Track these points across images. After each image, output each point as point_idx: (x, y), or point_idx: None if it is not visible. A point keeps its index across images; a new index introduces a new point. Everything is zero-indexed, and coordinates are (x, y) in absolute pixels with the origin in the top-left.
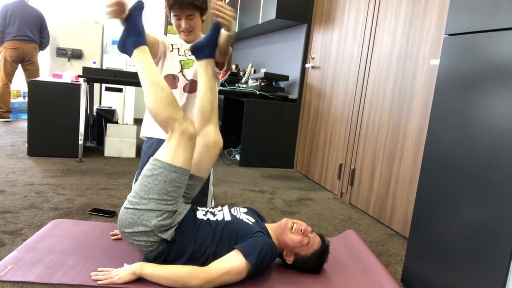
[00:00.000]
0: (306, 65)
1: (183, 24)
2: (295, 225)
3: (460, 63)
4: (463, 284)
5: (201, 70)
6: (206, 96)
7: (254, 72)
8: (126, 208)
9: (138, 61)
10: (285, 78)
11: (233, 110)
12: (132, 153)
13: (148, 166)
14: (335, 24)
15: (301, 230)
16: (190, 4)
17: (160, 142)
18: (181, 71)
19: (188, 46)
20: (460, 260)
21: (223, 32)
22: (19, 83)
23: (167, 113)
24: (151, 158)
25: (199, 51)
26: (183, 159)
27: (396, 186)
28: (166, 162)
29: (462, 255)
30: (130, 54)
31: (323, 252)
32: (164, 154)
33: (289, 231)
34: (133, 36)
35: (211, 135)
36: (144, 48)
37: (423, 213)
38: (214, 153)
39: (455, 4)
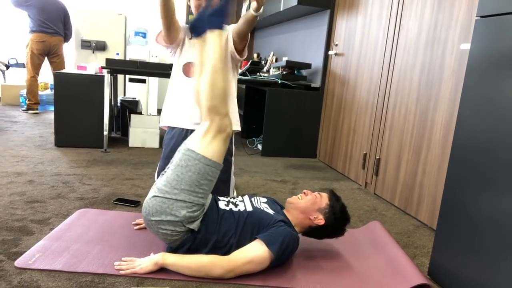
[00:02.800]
0: (329, 52)
1: (203, 3)
2: (299, 195)
3: (493, 46)
4: (493, 279)
5: (208, 43)
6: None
7: (276, 60)
8: (155, 196)
9: (218, 42)
10: (308, 66)
11: (255, 99)
12: (155, 143)
13: (180, 155)
14: (359, 9)
15: (305, 193)
16: None
17: (182, 132)
18: None
19: None
20: (490, 254)
21: (250, 11)
22: (47, 75)
23: (214, 102)
24: (185, 148)
25: (203, 24)
26: (218, 153)
27: (423, 176)
28: (202, 155)
29: (492, 248)
30: (207, 31)
31: (336, 197)
32: (200, 146)
33: (299, 202)
34: (222, 17)
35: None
36: (221, 32)
37: (452, 204)
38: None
39: None
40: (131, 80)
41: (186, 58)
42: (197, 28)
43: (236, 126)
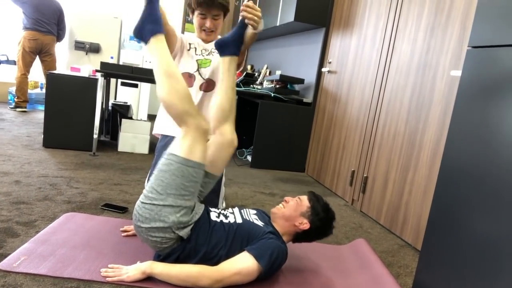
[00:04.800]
0: (323, 69)
1: (208, 23)
2: (281, 204)
3: (483, 76)
4: None
5: (224, 67)
6: (227, 94)
7: (270, 73)
8: (143, 203)
9: (155, 50)
10: (301, 81)
11: (247, 111)
12: (145, 149)
13: (163, 161)
14: (354, 30)
15: (286, 201)
16: (219, 4)
17: None
18: (198, 70)
19: (205, 45)
20: (474, 277)
21: (249, 31)
22: (37, 74)
23: (181, 107)
24: (166, 153)
25: (224, 48)
26: (199, 153)
27: (409, 196)
28: (183, 157)
29: (476, 271)
30: (146, 42)
31: (317, 197)
32: (180, 149)
33: (283, 211)
34: (150, 24)
35: (227, 134)
36: (161, 37)
37: (437, 226)
38: (229, 152)
39: (480, 16)
40: (123, 83)
41: (183, 68)
42: (221, 47)
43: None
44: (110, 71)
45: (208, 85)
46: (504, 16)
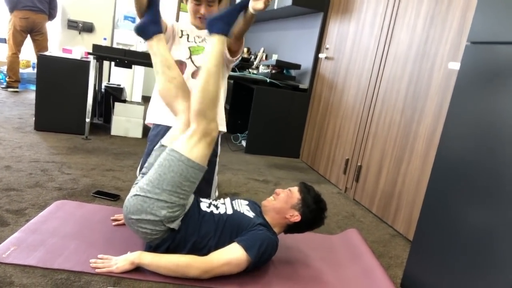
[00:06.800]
0: (320, 55)
1: (202, 10)
2: (271, 196)
3: (481, 72)
4: None
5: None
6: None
7: (266, 57)
8: (136, 195)
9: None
10: (297, 66)
11: (242, 95)
12: (138, 134)
13: (165, 156)
14: (353, 15)
15: (277, 193)
16: None
17: (167, 130)
18: (190, 57)
19: (198, 32)
20: (465, 268)
21: (249, 12)
22: (29, 53)
23: (204, 106)
24: (169, 148)
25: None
26: (202, 156)
27: (402, 186)
28: (186, 156)
29: (467, 263)
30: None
31: (308, 188)
32: (184, 148)
33: (273, 203)
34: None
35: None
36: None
37: (430, 217)
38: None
39: (480, 12)
40: (116, 64)
41: (174, 55)
42: (209, 24)
43: (222, 127)
44: (103, 53)
45: None
46: (504, 12)
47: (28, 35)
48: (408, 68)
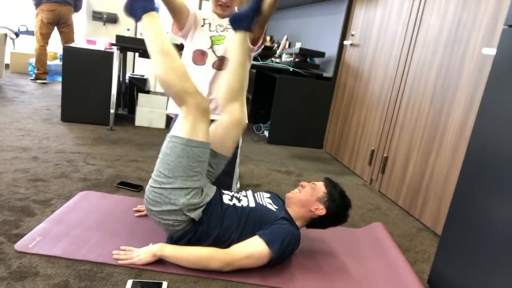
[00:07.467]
0: (345, 42)
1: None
2: (297, 189)
3: None
4: None
5: (236, 43)
6: (237, 72)
7: (289, 45)
8: (152, 187)
9: (148, 28)
10: (321, 54)
11: (264, 84)
12: (162, 124)
13: (167, 144)
14: (379, 0)
15: (303, 186)
16: None
17: None
18: (211, 47)
19: (220, 21)
20: (496, 266)
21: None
22: (56, 45)
23: (180, 85)
24: (168, 135)
25: (237, 22)
26: (202, 132)
27: (430, 179)
28: (186, 138)
29: (499, 260)
30: (138, 19)
31: (333, 183)
32: (183, 130)
33: (298, 196)
34: (142, 1)
35: (235, 113)
36: (154, 14)
37: (459, 213)
38: (238, 132)
39: None
40: (141, 55)
41: (195, 45)
42: (234, 21)
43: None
44: (126, 44)
45: (221, 64)
46: None
47: (55, 28)
48: (438, 56)
